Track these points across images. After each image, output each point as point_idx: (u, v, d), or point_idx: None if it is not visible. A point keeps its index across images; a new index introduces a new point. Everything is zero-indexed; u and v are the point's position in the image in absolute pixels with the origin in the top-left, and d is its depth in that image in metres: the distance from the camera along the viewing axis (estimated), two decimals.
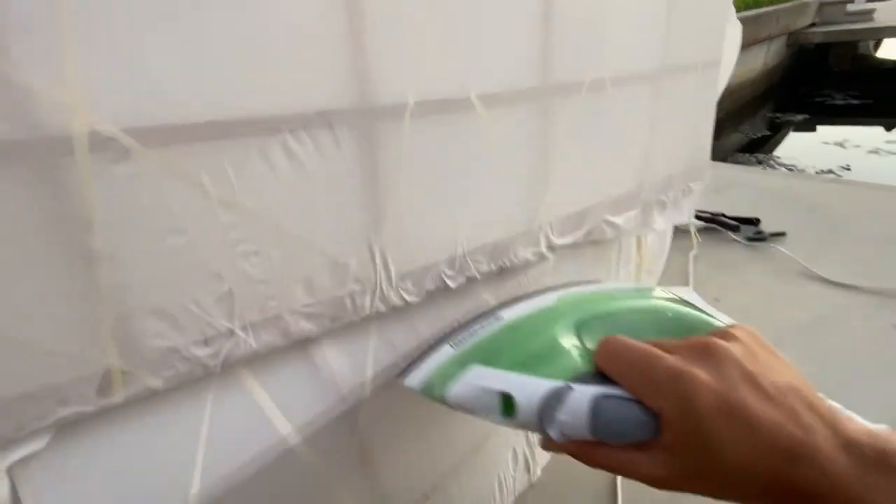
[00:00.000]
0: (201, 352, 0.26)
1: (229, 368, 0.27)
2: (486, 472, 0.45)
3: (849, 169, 3.01)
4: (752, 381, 0.22)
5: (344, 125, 0.26)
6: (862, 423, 0.23)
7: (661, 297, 0.37)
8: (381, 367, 0.33)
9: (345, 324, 0.31)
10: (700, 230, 1.02)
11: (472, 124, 0.32)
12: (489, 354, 0.29)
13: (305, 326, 0.29)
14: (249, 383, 0.28)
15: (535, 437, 0.52)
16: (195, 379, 0.26)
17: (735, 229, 1.01)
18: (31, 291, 0.21)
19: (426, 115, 0.29)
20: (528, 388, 0.25)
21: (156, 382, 0.25)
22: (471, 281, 0.37)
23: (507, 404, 0.26)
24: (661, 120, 0.48)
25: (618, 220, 0.47)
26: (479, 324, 0.32)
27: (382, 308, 0.32)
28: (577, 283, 0.38)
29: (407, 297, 0.33)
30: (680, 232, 0.98)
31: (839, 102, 4.63)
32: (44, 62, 0.19)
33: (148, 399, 0.25)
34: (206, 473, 0.26)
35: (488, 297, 0.40)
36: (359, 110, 0.27)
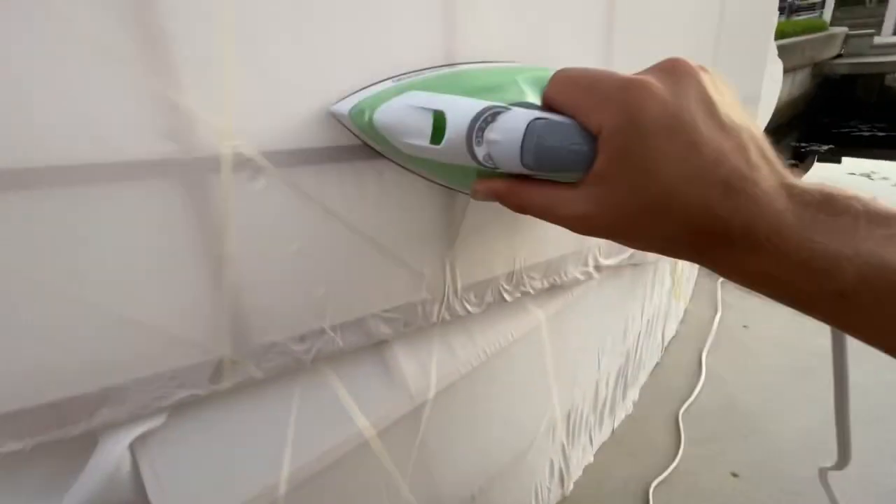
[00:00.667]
0: (297, 347, 0.29)
1: (316, 365, 0.30)
2: (525, 479, 0.47)
3: None
4: (710, 106, 0.20)
5: None
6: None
7: None
8: (443, 371, 0.36)
9: (414, 330, 0.34)
10: None
11: None
12: (430, 84, 0.26)
13: (383, 329, 0.32)
14: (332, 380, 0.31)
15: (571, 451, 0.54)
16: (288, 372, 0.29)
17: None
18: (168, 286, 0.24)
19: None
20: (463, 106, 0.23)
21: (258, 373, 0.28)
22: (524, 295, 0.40)
23: (438, 127, 0.23)
24: None
25: None
26: (431, 70, 0.28)
27: (447, 317, 0.35)
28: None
29: (469, 308, 0.36)
30: None
31: (865, 133, 4.59)
32: (206, 91, 0.22)
33: (248, 387, 0.28)
34: (295, 458, 0.29)
35: (537, 311, 0.43)
36: None
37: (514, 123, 0.22)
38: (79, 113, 0.20)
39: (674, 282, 0.66)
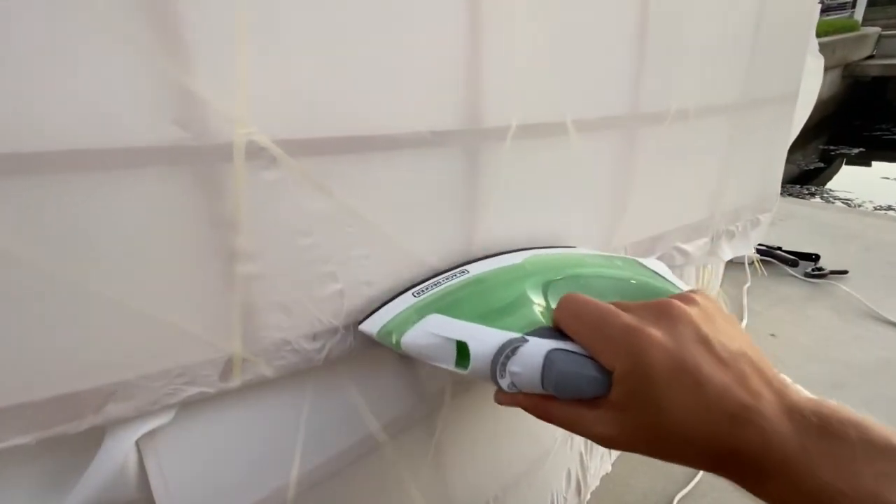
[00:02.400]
0: (309, 345, 0.28)
1: (328, 365, 0.29)
2: (541, 488, 0.45)
3: None
4: (706, 343, 0.22)
5: (454, 144, 0.28)
6: (807, 394, 0.22)
7: (629, 265, 0.36)
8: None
9: None
10: (754, 263, 1.00)
11: (564, 148, 0.34)
12: (450, 305, 0.28)
13: None
14: (344, 380, 0.30)
15: (589, 461, 0.52)
16: (299, 371, 0.28)
17: (793, 264, 0.98)
18: (178, 279, 0.23)
19: (525, 137, 0.31)
20: (484, 337, 0.25)
21: (268, 371, 0.27)
22: None
23: (462, 353, 0.26)
24: (737, 151, 0.48)
25: (688, 247, 0.47)
26: (445, 276, 0.30)
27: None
28: (548, 247, 0.37)
29: None
30: (732, 264, 0.96)
31: None
32: (220, 78, 0.21)
33: (258, 386, 0.27)
34: (305, 460, 0.28)
35: None
36: (468, 131, 0.28)
37: (532, 356, 0.24)
38: (90, 96, 0.19)
39: (700, 286, 0.64)
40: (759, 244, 1.02)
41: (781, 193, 0.61)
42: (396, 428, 0.31)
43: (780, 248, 1.02)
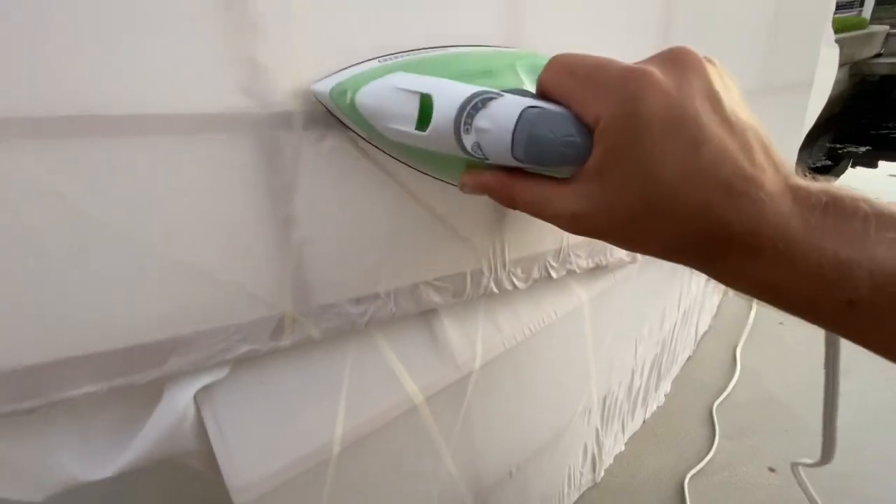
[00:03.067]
0: (353, 310, 0.29)
1: (368, 330, 0.31)
2: (560, 461, 0.47)
3: None
4: (715, 102, 0.18)
5: None
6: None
7: None
8: (488, 343, 0.36)
9: (462, 301, 0.34)
10: None
11: None
12: (419, 66, 0.24)
13: (434, 298, 0.32)
14: (383, 345, 0.32)
15: (604, 437, 0.54)
16: (342, 334, 0.30)
17: None
18: (237, 241, 0.25)
19: None
20: (452, 90, 0.21)
21: (316, 332, 0.28)
22: (570, 274, 0.40)
23: (425, 111, 0.22)
24: None
25: None
26: (424, 51, 0.26)
27: (495, 290, 0.35)
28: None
29: (516, 283, 0.36)
30: None
31: None
32: (282, 48, 0.23)
33: (305, 347, 0.29)
34: (348, 418, 0.29)
35: (581, 291, 0.42)
36: None
37: (505, 111, 0.20)
38: (162, 63, 0.21)
39: None
40: None
41: None
42: (430, 392, 0.33)
43: None
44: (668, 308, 0.60)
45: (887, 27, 6.23)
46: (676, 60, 0.19)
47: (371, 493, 0.31)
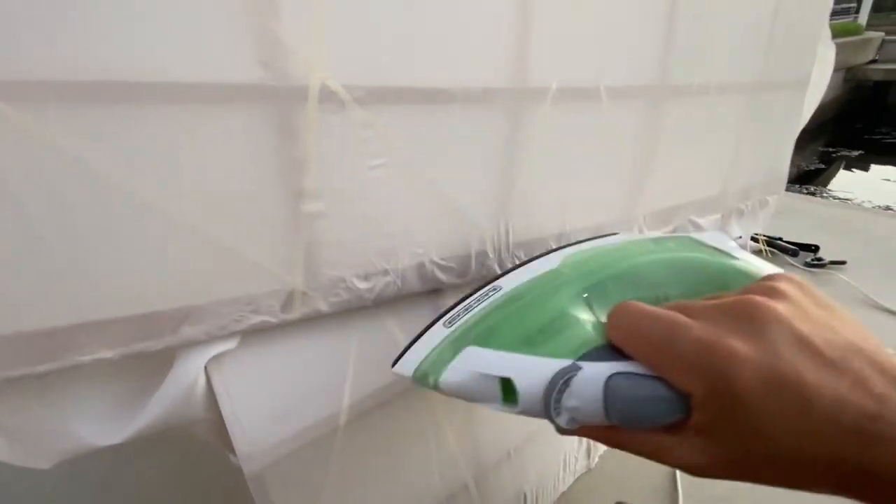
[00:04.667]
0: (362, 285, 0.30)
1: (375, 306, 0.31)
2: (556, 444, 0.48)
3: None
4: (806, 345, 0.17)
5: (500, 102, 0.30)
6: None
7: (685, 245, 0.31)
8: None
9: (466, 282, 0.35)
10: (756, 252, 1.03)
11: (596, 113, 0.36)
12: (486, 333, 0.25)
13: (440, 276, 0.33)
14: (389, 322, 0.32)
15: None
16: (350, 310, 0.30)
17: (793, 254, 1.01)
18: (251, 213, 0.25)
19: (563, 100, 0.33)
20: (530, 370, 0.22)
21: (324, 306, 0.29)
22: None
23: (508, 390, 0.23)
24: (750, 130, 0.50)
25: (701, 221, 0.49)
26: (476, 297, 0.27)
27: (498, 271, 0.36)
28: (586, 240, 0.33)
29: None
30: None
31: None
32: (300, 22, 0.23)
33: (314, 321, 0.29)
34: (354, 391, 0.30)
35: None
36: (514, 90, 0.30)
37: (590, 387, 0.21)
38: (186, 32, 0.21)
39: None
40: (760, 234, 1.05)
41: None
42: None
43: (780, 239, 1.05)
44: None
45: (882, 34, 6.29)
46: (749, 318, 0.18)
47: (375, 466, 0.32)
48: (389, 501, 0.33)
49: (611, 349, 0.22)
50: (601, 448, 0.58)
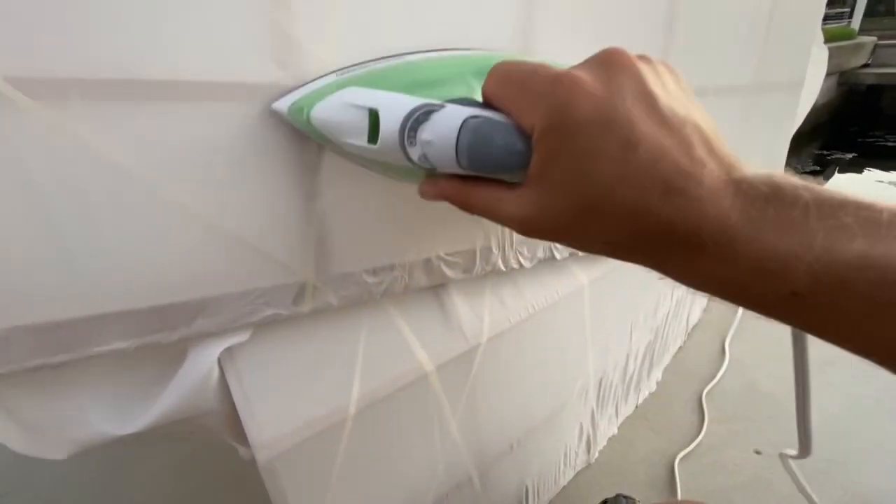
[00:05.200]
0: (370, 279, 0.31)
1: (383, 301, 0.32)
2: (557, 438, 0.49)
3: None
4: (648, 100, 0.18)
5: None
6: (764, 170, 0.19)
7: None
8: (494, 318, 0.37)
9: (471, 277, 0.36)
10: None
11: None
12: (373, 79, 0.25)
13: (445, 272, 0.34)
14: (396, 316, 0.33)
15: (599, 418, 0.55)
16: (359, 303, 0.31)
17: None
18: (266, 208, 0.26)
19: None
20: (398, 103, 0.22)
21: (334, 300, 0.30)
22: (572, 256, 0.41)
23: (374, 125, 0.22)
24: (745, 131, 0.51)
25: None
26: (376, 60, 0.27)
27: (502, 267, 0.37)
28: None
29: (522, 262, 0.38)
30: None
31: (891, 144, 4.52)
32: (314, 23, 0.24)
33: (324, 314, 0.30)
34: (363, 382, 0.31)
35: (581, 274, 0.44)
36: None
37: (447, 122, 0.21)
38: (205, 33, 0.22)
39: None
40: None
41: None
42: (439, 360, 0.34)
43: None
44: (661, 296, 0.62)
45: (875, 38, 6.36)
46: (606, 63, 0.19)
47: (383, 456, 0.33)
48: (396, 489, 0.34)
49: (482, 105, 0.22)
50: (601, 443, 0.59)
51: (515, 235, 0.36)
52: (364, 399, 0.30)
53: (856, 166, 3.93)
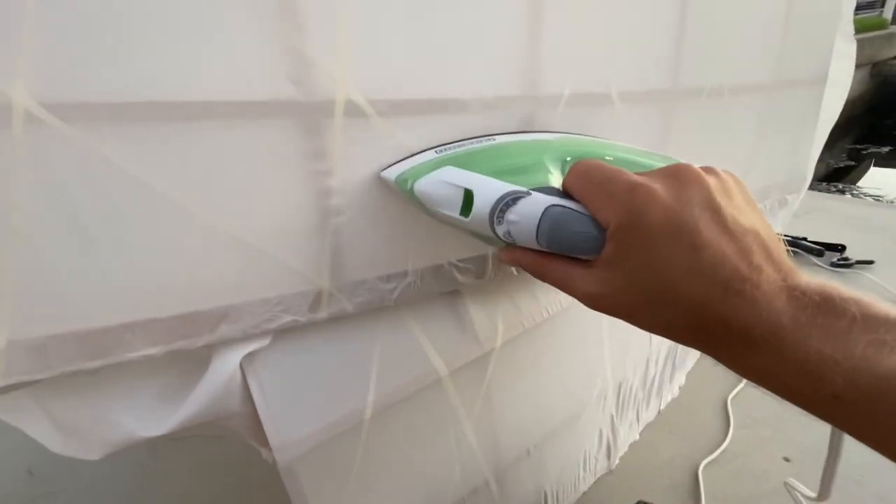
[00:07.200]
0: (384, 286, 0.31)
1: (397, 307, 0.33)
2: (576, 444, 0.48)
3: None
4: (714, 211, 0.21)
5: (512, 110, 0.32)
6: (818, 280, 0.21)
7: (662, 156, 0.36)
8: (508, 323, 0.38)
9: (484, 282, 0.36)
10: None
11: (607, 117, 0.37)
12: (467, 160, 0.29)
13: (458, 278, 0.34)
14: (410, 322, 0.34)
15: (619, 424, 0.55)
16: (373, 310, 0.32)
17: (818, 254, 0.99)
18: (283, 219, 0.27)
19: (575, 105, 0.34)
20: (490, 187, 0.26)
21: (349, 306, 0.31)
22: None
23: (468, 202, 0.26)
24: (767, 130, 0.50)
25: None
26: (471, 140, 0.31)
27: (514, 272, 0.37)
28: (585, 135, 0.36)
29: None
30: None
31: None
32: (325, 40, 0.25)
33: (340, 320, 0.31)
34: (379, 386, 0.31)
35: None
36: (526, 97, 0.32)
37: (532, 208, 0.25)
38: (225, 56, 0.23)
39: None
40: (784, 235, 1.03)
41: (810, 190, 0.63)
42: (454, 365, 0.35)
43: (805, 239, 1.03)
44: None
45: None
46: (676, 175, 0.22)
47: (399, 459, 0.34)
48: (413, 492, 0.35)
49: (563, 194, 0.26)
50: (622, 449, 0.58)
51: None
52: (380, 403, 0.31)
53: (891, 160, 3.76)
